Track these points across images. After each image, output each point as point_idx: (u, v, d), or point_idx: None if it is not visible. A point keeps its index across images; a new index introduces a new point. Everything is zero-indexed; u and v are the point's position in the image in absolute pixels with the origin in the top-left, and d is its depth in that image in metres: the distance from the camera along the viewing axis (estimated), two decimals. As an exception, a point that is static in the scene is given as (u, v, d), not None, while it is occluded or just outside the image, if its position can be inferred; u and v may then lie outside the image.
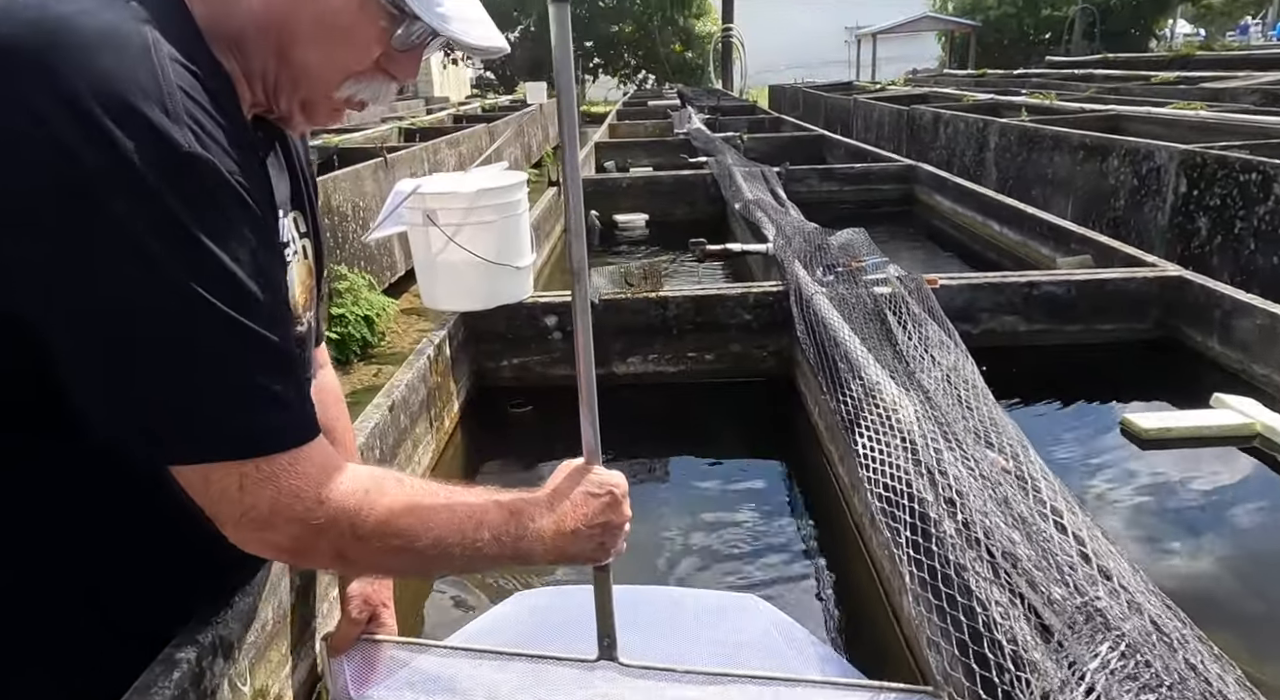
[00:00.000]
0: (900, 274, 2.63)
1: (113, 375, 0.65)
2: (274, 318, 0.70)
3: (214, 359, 0.66)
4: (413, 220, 2.59)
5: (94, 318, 0.63)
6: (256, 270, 0.68)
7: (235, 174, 0.66)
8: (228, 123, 0.67)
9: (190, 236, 0.63)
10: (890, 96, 11.89)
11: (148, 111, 0.60)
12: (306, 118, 0.81)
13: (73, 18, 0.61)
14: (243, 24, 0.72)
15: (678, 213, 5.67)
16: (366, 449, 1.84)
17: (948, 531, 1.33)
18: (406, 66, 0.80)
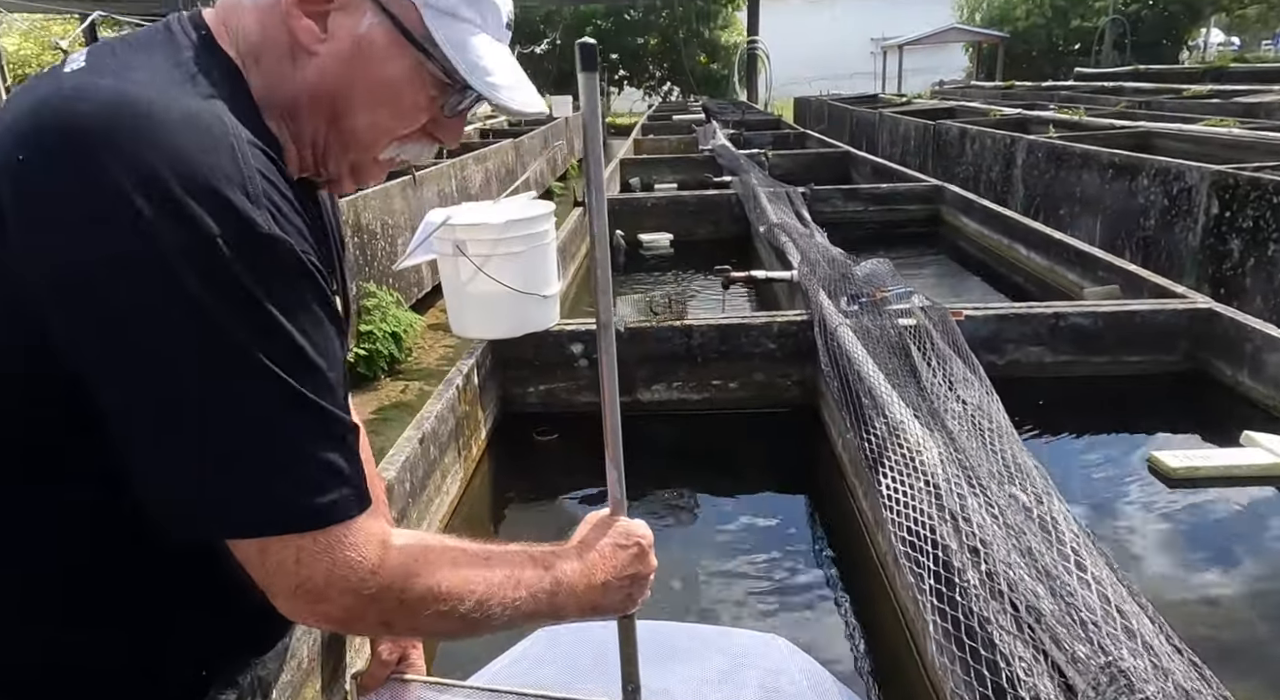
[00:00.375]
0: (925, 305, 2.63)
1: (174, 448, 0.65)
2: (335, 391, 0.71)
3: (281, 434, 0.67)
4: (443, 250, 2.64)
5: (163, 391, 0.64)
6: (322, 345, 0.70)
7: (308, 254, 0.68)
8: (293, 198, 0.70)
9: (264, 313, 0.65)
10: (916, 110, 11.85)
11: (230, 194, 0.63)
12: (354, 179, 0.84)
13: (152, 100, 0.63)
14: (296, 93, 0.75)
15: (702, 232, 5.70)
16: (398, 482, 1.89)
17: (971, 582, 1.33)
18: (452, 130, 0.83)
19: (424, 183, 6.45)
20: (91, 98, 0.63)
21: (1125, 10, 23.62)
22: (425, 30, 0.74)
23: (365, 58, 0.74)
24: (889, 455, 1.78)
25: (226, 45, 0.74)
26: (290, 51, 0.74)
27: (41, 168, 0.61)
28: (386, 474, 1.88)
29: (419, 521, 2.04)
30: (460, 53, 0.75)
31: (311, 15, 0.73)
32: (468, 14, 0.76)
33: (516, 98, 0.79)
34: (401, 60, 0.75)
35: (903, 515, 1.59)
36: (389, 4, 0.74)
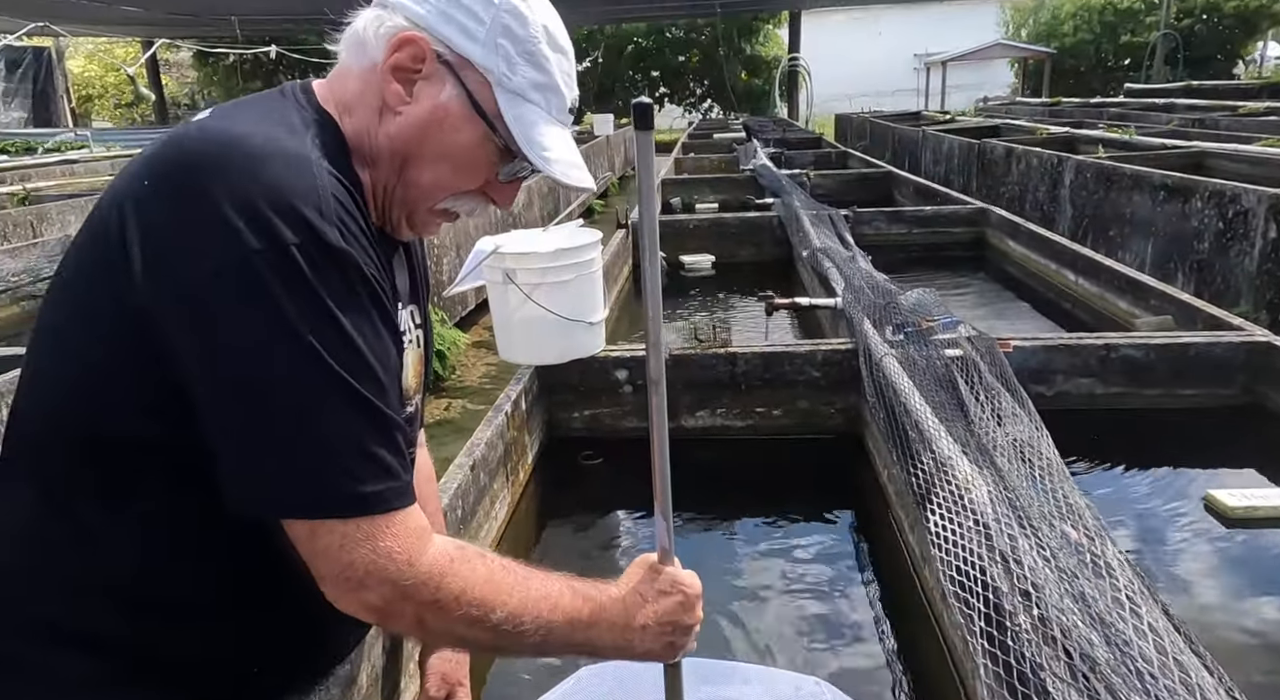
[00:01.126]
0: (972, 335, 2.62)
1: (247, 430, 0.74)
2: (389, 394, 0.80)
3: (338, 425, 0.75)
4: (492, 278, 2.70)
5: (235, 374, 0.73)
6: (380, 351, 0.78)
7: (370, 268, 0.78)
8: (365, 225, 0.80)
9: (329, 315, 0.74)
10: (960, 128, 11.73)
11: (305, 210, 0.73)
12: (409, 227, 0.93)
13: (249, 136, 0.76)
14: (379, 144, 0.87)
15: (744, 254, 5.72)
16: (450, 510, 1.93)
17: (1023, 626, 1.33)
18: (506, 193, 0.94)
19: (469, 203, 6.57)
20: (211, 138, 0.76)
21: (1177, 25, 23.13)
22: (495, 107, 0.86)
23: (439, 123, 0.86)
24: (937, 491, 1.77)
25: (327, 104, 0.87)
26: (380, 109, 0.86)
27: (164, 197, 0.74)
28: (442, 519, 1.92)
29: (469, 547, 2.08)
30: (523, 129, 0.87)
31: (401, 81, 0.86)
32: (534, 97, 0.88)
33: (570, 174, 0.89)
34: (471, 130, 0.87)
35: (952, 554, 1.58)
36: (467, 81, 0.86)
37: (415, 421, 1.05)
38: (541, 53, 0.87)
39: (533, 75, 0.87)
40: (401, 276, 0.99)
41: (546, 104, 0.89)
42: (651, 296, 0.95)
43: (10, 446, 0.84)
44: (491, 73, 0.86)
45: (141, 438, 0.78)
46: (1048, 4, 28.43)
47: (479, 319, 6.07)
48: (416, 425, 1.07)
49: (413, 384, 1.00)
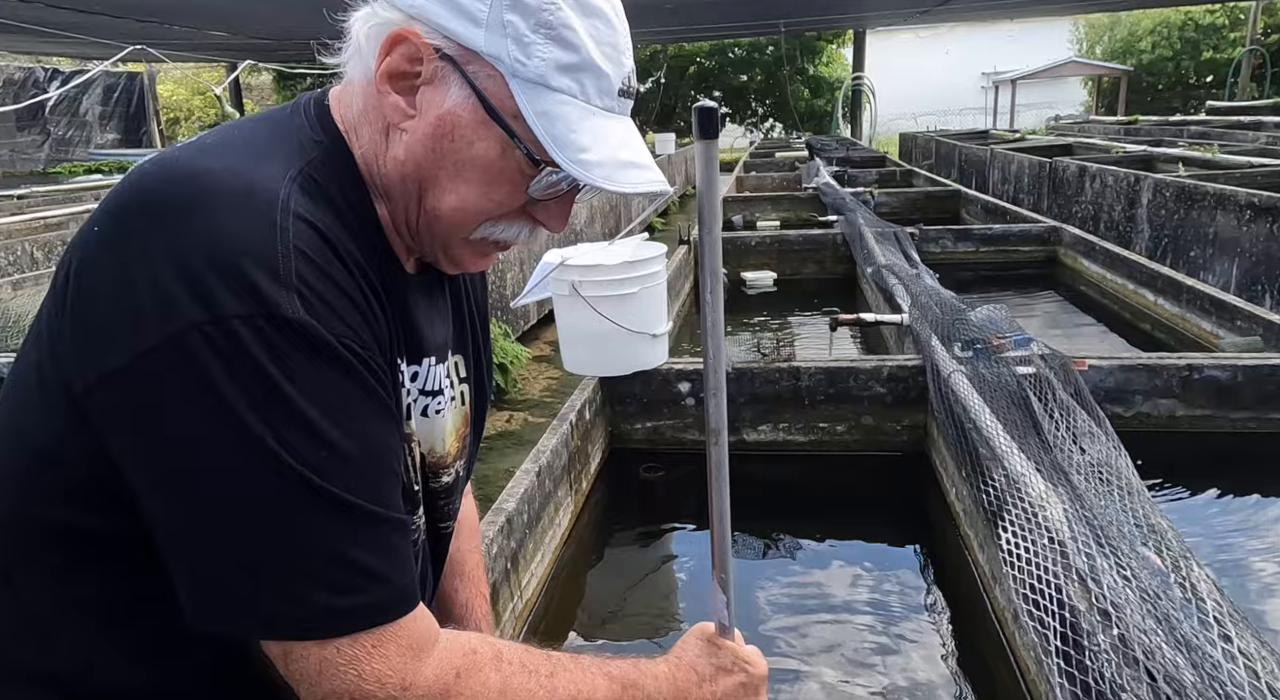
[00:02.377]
0: (1045, 353, 2.55)
1: (195, 542, 0.61)
2: (376, 486, 0.65)
3: (305, 531, 0.61)
4: (558, 291, 2.75)
5: (175, 478, 0.60)
6: (358, 434, 0.63)
7: (344, 336, 0.62)
8: (361, 279, 0.65)
9: (284, 402, 0.59)
10: (1030, 147, 11.47)
11: (254, 273, 0.58)
12: (450, 261, 0.77)
13: (213, 175, 0.62)
14: (388, 172, 0.71)
15: (806, 271, 5.69)
16: (516, 514, 1.97)
17: (1102, 646, 1.29)
18: (555, 213, 0.75)
19: (534, 220, 6.70)
20: (167, 175, 0.63)
21: (1264, 40, 22.24)
22: (514, 104, 0.67)
23: (450, 136, 0.69)
24: (1009, 508, 1.73)
25: (339, 120, 0.72)
26: (385, 129, 0.71)
27: (102, 252, 0.62)
28: (506, 505, 1.96)
29: (535, 552, 2.11)
30: (549, 127, 0.67)
31: (401, 92, 0.69)
32: (561, 83, 0.67)
33: (622, 178, 0.69)
34: (488, 138, 0.68)
35: (1025, 572, 1.54)
36: (475, 77, 0.67)
37: (453, 491, 0.88)
38: (564, 21, 0.66)
39: (555, 54, 0.67)
40: (439, 324, 0.82)
41: (581, 89, 0.68)
42: (712, 334, 0.82)
43: None
44: (501, 61, 0.66)
45: (98, 529, 0.66)
46: (1124, 20, 27.65)
47: (541, 333, 6.17)
48: (455, 494, 0.90)
49: (452, 448, 0.85)
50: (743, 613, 2.07)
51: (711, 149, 0.74)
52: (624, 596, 2.25)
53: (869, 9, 16.18)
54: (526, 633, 1.99)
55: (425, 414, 0.80)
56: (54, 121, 16.58)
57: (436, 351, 0.81)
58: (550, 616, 2.10)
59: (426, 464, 0.81)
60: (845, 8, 15.49)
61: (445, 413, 0.83)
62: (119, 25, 8.97)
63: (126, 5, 8.20)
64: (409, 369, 0.76)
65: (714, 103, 0.74)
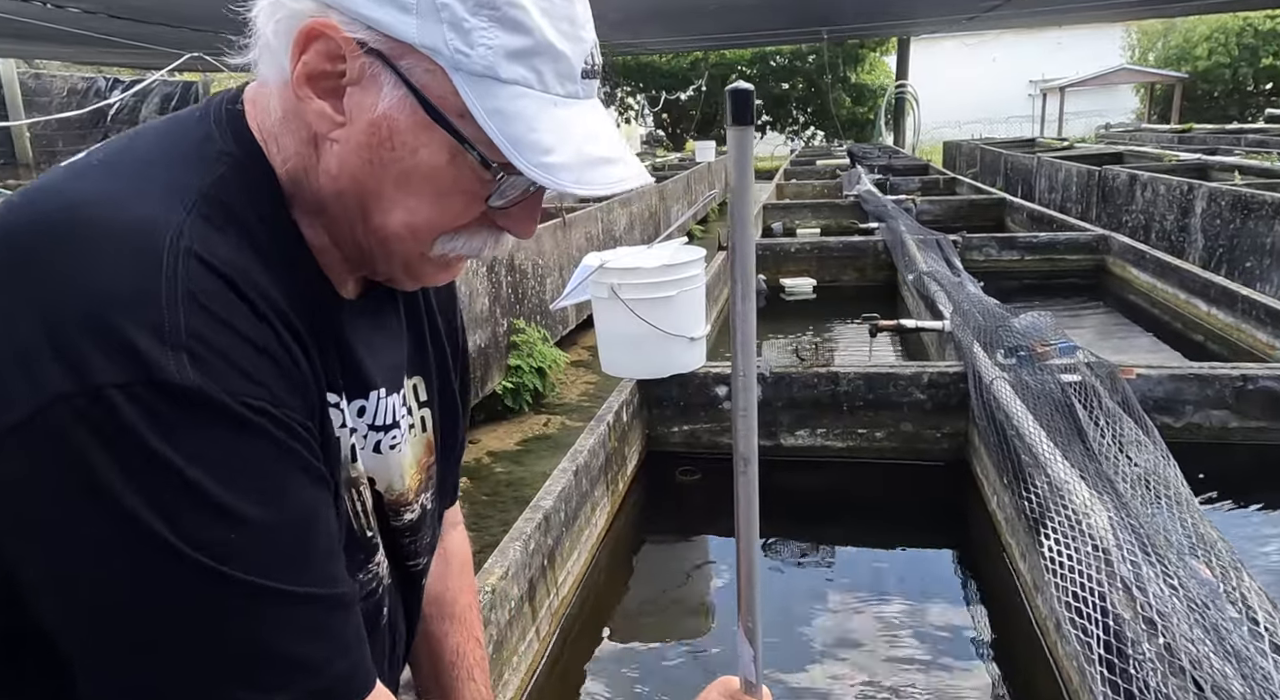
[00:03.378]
0: (1091, 361, 2.51)
1: (95, 655, 0.52)
2: (308, 561, 0.56)
3: (201, 630, 0.52)
4: (597, 293, 2.78)
5: (53, 572, 0.52)
6: (271, 505, 0.54)
7: (247, 396, 0.53)
8: (271, 320, 0.56)
9: (167, 478, 0.50)
10: (1079, 155, 11.24)
11: (133, 332, 0.49)
12: (411, 278, 0.68)
13: (89, 208, 0.53)
14: (320, 190, 0.61)
15: (846, 278, 5.65)
16: (553, 512, 1.99)
17: (1147, 655, 1.26)
18: (520, 218, 0.65)
19: (573, 226, 6.76)
20: (38, 208, 0.54)
21: (1327, 45, 21.51)
22: (458, 101, 0.57)
23: (388, 144, 0.58)
24: (1051, 516, 1.71)
25: (254, 127, 0.62)
26: (312, 139, 0.60)
27: None
28: (543, 503, 1.98)
29: (571, 550, 2.13)
30: (503, 126, 0.57)
31: (324, 95, 0.58)
32: (513, 72, 0.57)
33: (588, 178, 0.58)
34: (432, 144, 0.58)
35: (1068, 580, 1.52)
36: (409, 73, 0.57)
37: (421, 526, 0.79)
38: (510, 0, 0.56)
39: (503, 39, 0.56)
40: (388, 349, 0.73)
41: (538, 77, 0.58)
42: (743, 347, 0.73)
43: None
44: (440, 52, 0.56)
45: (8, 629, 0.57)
46: (1179, 26, 26.98)
47: (579, 338, 6.21)
48: (424, 529, 0.81)
49: (413, 483, 0.77)
50: (778, 621, 2.06)
51: (745, 137, 0.66)
52: (659, 600, 2.25)
53: (914, 16, 16.01)
54: (562, 630, 2.01)
55: (378, 450, 0.71)
56: (114, 129, 17.20)
57: (387, 381, 0.71)
58: (585, 615, 2.11)
59: (385, 503, 0.74)
60: (890, 15, 15.36)
61: (402, 446, 0.74)
62: (175, 34, 9.28)
63: (183, 15, 8.49)
64: (351, 405, 0.67)
65: (749, 85, 0.65)
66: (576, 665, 1.94)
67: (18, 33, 8.99)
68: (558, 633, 1.99)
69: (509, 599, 1.70)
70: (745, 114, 0.66)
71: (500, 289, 4.97)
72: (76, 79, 17.26)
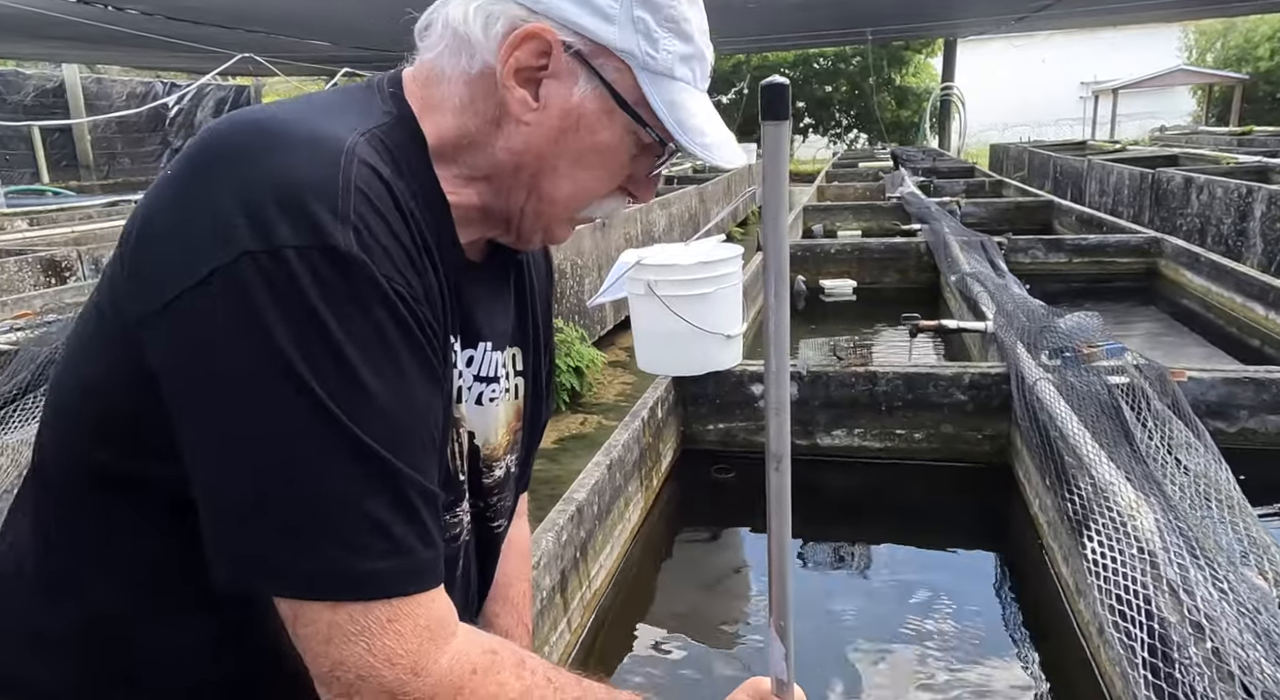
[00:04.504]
0: (1140, 363, 2.44)
1: (220, 479, 0.58)
2: (410, 446, 0.61)
3: (330, 481, 0.57)
4: (634, 290, 2.78)
5: (207, 409, 0.58)
6: (403, 394, 0.60)
7: (396, 281, 0.61)
8: (414, 233, 0.64)
9: (328, 340, 0.57)
10: (1132, 158, 10.95)
11: (314, 207, 0.58)
12: (547, 238, 0.78)
13: (276, 119, 0.63)
14: (499, 160, 0.71)
15: (887, 280, 5.57)
16: (586, 504, 2.00)
17: (1193, 659, 1.22)
18: (648, 185, 0.77)
19: (611, 226, 6.78)
20: (237, 122, 0.64)
21: (1397, 44, 20.63)
22: (639, 94, 0.70)
23: (575, 127, 0.70)
24: (1095, 517, 1.66)
25: (413, 100, 0.72)
26: (497, 119, 0.70)
27: (167, 191, 0.62)
28: (576, 496, 1.99)
29: (604, 544, 2.14)
30: (675, 114, 0.70)
31: (525, 84, 0.69)
32: (682, 73, 0.71)
33: (727, 155, 0.73)
34: (612, 127, 0.71)
35: (1112, 583, 1.48)
36: (604, 71, 0.69)
37: (505, 486, 0.84)
38: (682, 15, 0.70)
39: (679, 47, 0.70)
40: (499, 313, 0.81)
41: (693, 76, 0.72)
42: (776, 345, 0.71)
43: (26, 479, 0.73)
44: (634, 56, 0.69)
45: (141, 475, 0.64)
46: (1239, 26, 26.12)
47: (617, 339, 6.22)
48: (507, 490, 0.85)
49: (502, 441, 0.82)
50: (814, 621, 2.04)
51: (781, 134, 0.65)
52: (692, 595, 2.24)
53: (962, 16, 15.76)
54: (594, 622, 2.02)
55: (479, 402, 0.77)
56: (171, 133, 17.72)
57: (495, 339, 0.78)
58: (617, 608, 2.11)
59: (480, 456, 0.79)
60: (937, 15, 15.13)
61: (499, 402, 0.80)
62: (229, 36, 9.54)
63: (236, 15, 8.73)
64: (463, 352, 0.75)
65: (785, 79, 0.66)
66: (609, 657, 1.94)
67: (81, 35, 9.31)
68: (590, 624, 2.00)
69: (541, 589, 1.71)
70: (780, 109, 0.66)
71: (539, 287, 4.99)
72: (135, 83, 17.85)
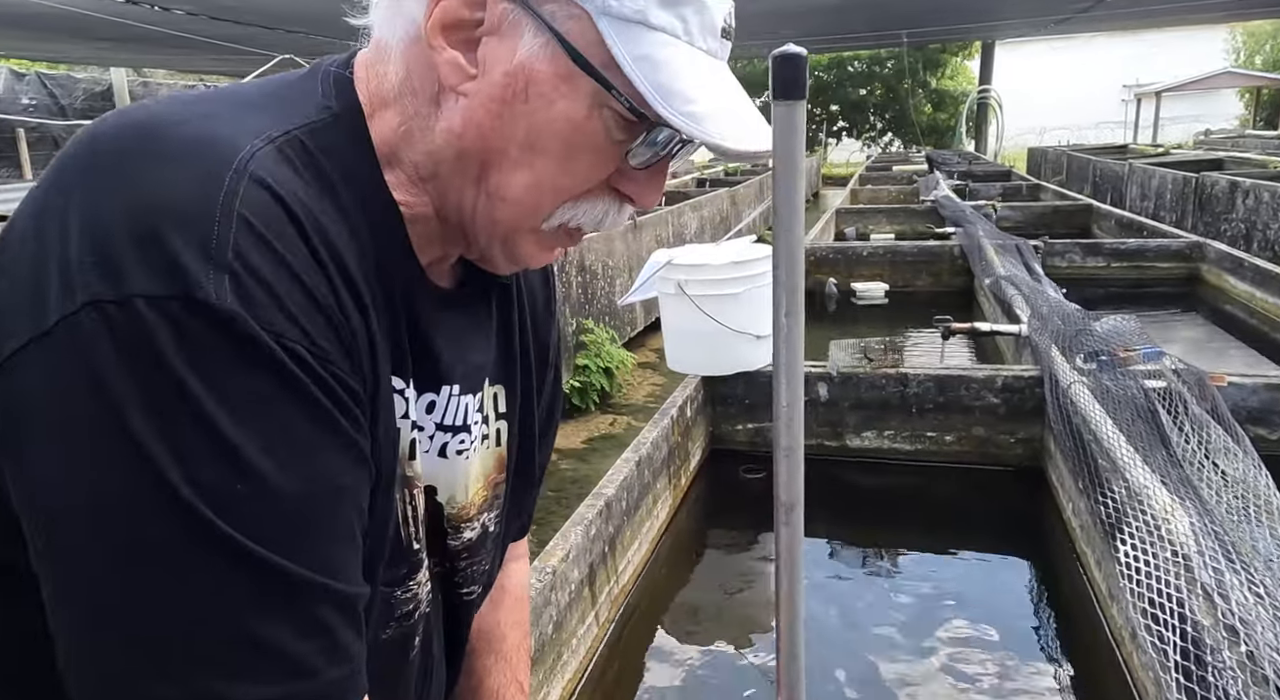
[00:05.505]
0: (1178, 367, 2.40)
1: (68, 590, 0.46)
2: (313, 541, 0.49)
3: (177, 585, 0.45)
4: (664, 289, 2.80)
5: (41, 489, 0.46)
6: (292, 469, 0.47)
7: (288, 337, 0.47)
8: (330, 270, 0.51)
9: (182, 405, 0.45)
10: (1175, 161, 10.73)
11: (176, 244, 0.45)
12: (509, 258, 0.61)
13: (170, 121, 0.50)
14: (437, 149, 0.57)
15: (920, 283, 5.53)
16: (614, 500, 2.02)
17: (1227, 662, 1.21)
18: (647, 184, 0.59)
19: (643, 228, 6.81)
20: (121, 119, 0.52)
21: None
22: (604, 50, 0.53)
23: (523, 95, 0.54)
24: (1129, 521, 1.64)
25: (363, 93, 0.58)
26: (435, 96, 0.56)
27: (24, 212, 0.51)
28: (605, 491, 2.01)
29: (632, 539, 2.15)
30: (651, 73, 0.53)
31: (457, 45, 0.54)
32: (662, 19, 0.54)
33: (723, 129, 0.54)
34: (573, 95, 0.54)
35: (1144, 586, 1.46)
36: (553, 19, 0.53)
37: (479, 549, 0.71)
38: None
39: None
40: (475, 348, 0.67)
41: (684, 26, 0.55)
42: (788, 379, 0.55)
43: None
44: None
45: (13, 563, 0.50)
46: (1288, 27, 25.47)
47: (647, 340, 6.24)
48: (482, 554, 0.72)
49: (475, 498, 0.69)
50: (842, 623, 2.04)
51: (795, 116, 0.53)
52: (719, 595, 2.25)
53: (1001, 18, 15.56)
54: (621, 617, 2.03)
55: (444, 454, 0.65)
56: (214, 135, 18.16)
57: (464, 380, 0.65)
58: (645, 604, 2.13)
59: (445, 516, 0.67)
60: (975, 17, 14.95)
61: (470, 454, 0.67)
62: (270, 37, 9.77)
63: (278, 16, 8.94)
64: (422, 398, 0.61)
65: (802, 50, 0.53)
66: (635, 652, 1.96)
67: (129, 37, 9.57)
68: (618, 619, 2.02)
69: (569, 582, 1.73)
70: (795, 87, 0.53)
71: (570, 289, 5.05)
72: (180, 87, 18.33)
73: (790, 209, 0.55)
